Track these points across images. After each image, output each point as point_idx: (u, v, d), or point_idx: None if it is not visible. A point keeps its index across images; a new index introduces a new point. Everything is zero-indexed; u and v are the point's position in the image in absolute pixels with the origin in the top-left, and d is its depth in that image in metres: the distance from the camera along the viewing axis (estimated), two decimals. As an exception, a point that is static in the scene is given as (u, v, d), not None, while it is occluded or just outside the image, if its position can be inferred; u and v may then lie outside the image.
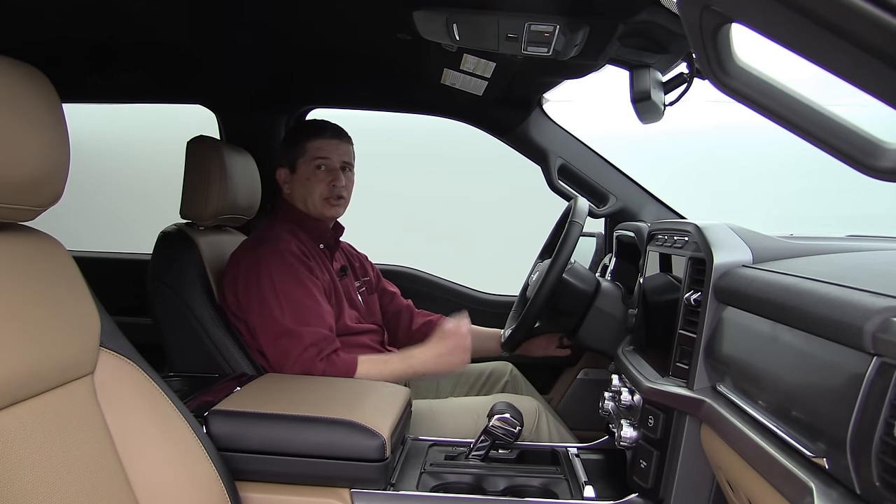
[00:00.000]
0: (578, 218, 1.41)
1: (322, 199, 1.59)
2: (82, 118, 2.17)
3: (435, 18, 1.24)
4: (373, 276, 1.84)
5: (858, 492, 0.59)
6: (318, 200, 1.59)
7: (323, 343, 1.42)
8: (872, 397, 0.57)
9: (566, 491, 1.21)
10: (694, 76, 1.35)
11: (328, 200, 1.60)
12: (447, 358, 1.50)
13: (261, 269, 1.46)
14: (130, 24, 1.49)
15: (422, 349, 1.51)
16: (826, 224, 3.23)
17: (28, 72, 0.78)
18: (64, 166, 0.82)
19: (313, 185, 1.59)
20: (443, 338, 1.51)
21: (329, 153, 1.60)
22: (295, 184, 1.62)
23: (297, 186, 1.61)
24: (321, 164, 1.59)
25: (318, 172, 1.59)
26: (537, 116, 1.94)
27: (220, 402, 1.14)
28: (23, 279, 0.78)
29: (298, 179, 1.61)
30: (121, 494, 0.82)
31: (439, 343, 1.51)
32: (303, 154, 1.60)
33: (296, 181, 1.61)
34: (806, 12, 0.51)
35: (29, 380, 0.75)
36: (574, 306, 1.47)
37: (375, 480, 1.10)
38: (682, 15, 0.62)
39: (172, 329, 1.50)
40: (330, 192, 1.59)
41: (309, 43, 1.62)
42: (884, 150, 0.58)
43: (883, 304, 0.58)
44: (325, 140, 1.60)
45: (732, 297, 0.93)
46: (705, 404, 0.94)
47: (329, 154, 1.60)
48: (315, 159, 1.59)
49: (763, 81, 0.64)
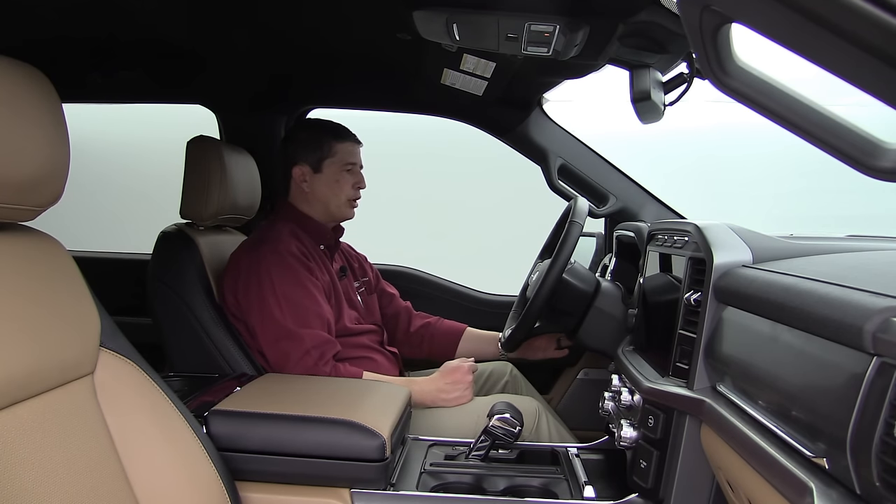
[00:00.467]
0: (578, 218, 1.41)
1: (347, 201, 1.64)
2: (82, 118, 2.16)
3: (435, 18, 1.24)
4: (372, 277, 1.85)
5: (858, 492, 0.59)
6: (343, 202, 1.63)
7: (324, 347, 1.42)
8: (872, 397, 0.57)
9: (566, 491, 1.21)
10: (694, 76, 1.35)
11: (351, 202, 1.65)
12: (448, 395, 1.51)
13: (261, 270, 1.46)
14: (130, 23, 1.49)
15: (425, 380, 1.53)
16: (826, 224, 3.23)
17: (28, 72, 0.78)
18: (64, 166, 0.82)
19: (341, 186, 1.62)
20: (447, 373, 1.52)
21: (356, 158, 1.66)
22: (318, 183, 1.62)
23: (320, 186, 1.62)
24: (350, 168, 1.63)
25: (346, 175, 1.63)
26: (537, 116, 1.94)
27: (220, 402, 1.14)
28: (23, 279, 0.78)
29: (324, 180, 1.62)
30: (121, 494, 0.82)
31: (443, 378, 1.52)
32: (332, 155, 1.62)
33: (320, 181, 1.62)
34: (806, 12, 0.51)
35: (29, 380, 0.75)
36: (574, 306, 1.47)
37: (375, 480, 1.10)
38: (682, 15, 0.62)
39: (172, 329, 1.50)
40: (354, 194, 1.65)
41: (309, 43, 1.62)
42: (884, 150, 0.58)
43: (883, 304, 0.58)
44: (352, 144, 1.66)
45: (732, 297, 0.93)
46: (705, 404, 0.94)
47: (356, 159, 1.66)
48: (346, 164, 1.63)
49: (763, 81, 0.64)
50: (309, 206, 1.63)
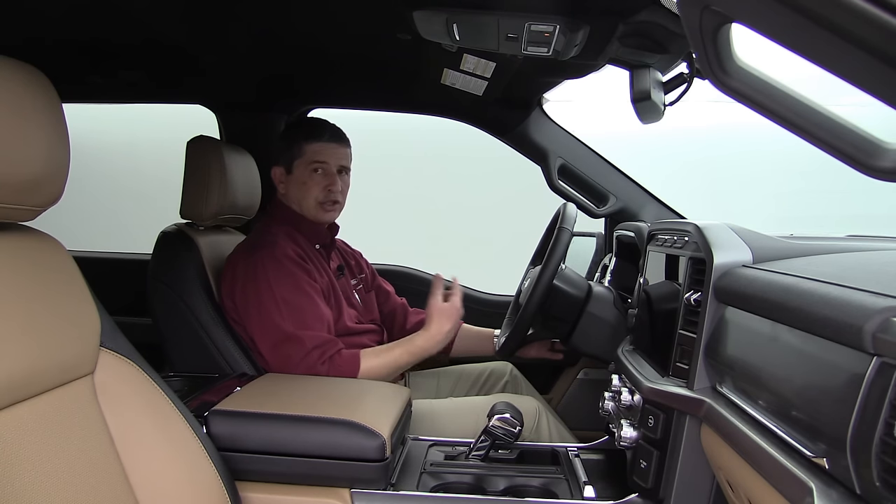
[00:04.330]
0: (567, 224, 1.41)
1: (317, 204, 1.58)
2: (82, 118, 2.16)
3: (435, 18, 1.23)
4: (368, 273, 1.84)
5: (858, 492, 0.59)
6: (312, 204, 1.58)
7: (325, 346, 1.42)
8: (872, 397, 0.57)
9: (566, 491, 1.21)
10: (694, 76, 1.35)
11: (323, 205, 1.59)
12: (447, 334, 1.52)
13: (258, 276, 1.45)
14: (130, 23, 1.48)
15: (420, 334, 1.53)
16: (826, 224, 3.23)
17: (28, 72, 0.78)
18: (64, 166, 0.82)
19: (309, 188, 1.57)
20: (439, 316, 1.53)
21: (327, 157, 1.58)
22: (290, 185, 1.60)
23: (292, 188, 1.60)
24: (318, 168, 1.58)
25: (314, 176, 1.57)
26: (537, 116, 1.94)
27: (220, 402, 1.14)
28: (23, 279, 0.78)
29: (294, 181, 1.59)
30: (121, 494, 0.82)
31: (436, 320, 1.52)
32: (300, 156, 1.58)
33: (291, 182, 1.60)
34: (806, 12, 0.51)
35: (29, 380, 0.75)
36: (566, 312, 1.47)
37: (375, 480, 1.10)
38: (682, 15, 0.62)
39: (172, 329, 1.50)
40: (325, 196, 1.58)
41: (309, 43, 1.62)
42: (884, 150, 0.58)
43: (883, 304, 0.58)
44: (324, 143, 1.58)
45: (732, 297, 0.93)
46: (705, 404, 0.94)
47: (327, 158, 1.58)
48: (312, 163, 1.57)
49: (763, 81, 0.64)
50: (297, 206, 1.61)
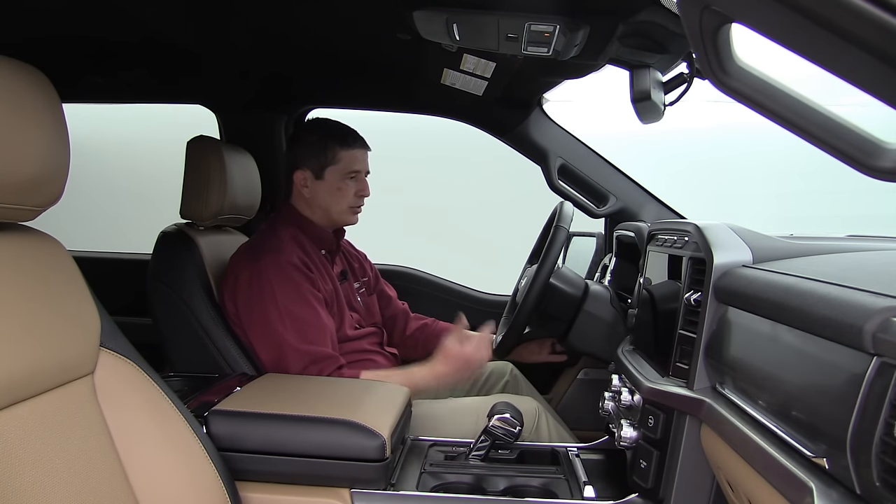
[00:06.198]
0: (564, 223, 1.41)
1: (349, 208, 1.61)
2: (82, 118, 2.16)
3: (435, 18, 1.23)
4: (371, 276, 1.84)
5: (858, 492, 0.59)
6: (344, 209, 1.60)
7: (324, 362, 1.42)
8: (872, 397, 0.57)
9: (566, 491, 1.21)
10: (694, 76, 1.35)
11: (354, 209, 1.62)
12: (448, 378, 1.50)
13: (263, 283, 1.45)
14: (130, 22, 1.49)
15: (423, 367, 1.51)
16: (826, 224, 3.23)
17: (28, 72, 0.78)
18: (64, 166, 0.82)
19: (344, 194, 1.59)
20: (445, 356, 1.51)
21: (362, 165, 1.61)
22: (319, 190, 1.59)
23: (321, 193, 1.59)
24: (354, 176, 1.60)
25: (349, 183, 1.59)
26: (537, 116, 1.94)
27: (220, 402, 1.14)
28: (23, 279, 0.78)
29: (325, 187, 1.59)
30: (121, 494, 0.82)
31: (441, 362, 1.51)
32: (334, 162, 1.58)
33: (321, 188, 1.59)
34: (806, 12, 0.51)
35: (29, 380, 0.75)
36: (563, 311, 1.46)
37: (375, 480, 1.10)
38: (682, 15, 0.62)
39: (172, 329, 1.50)
40: (357, 202, 1.61)
41: (309, 43, 1.62)
42: (884, 150, 0.58)
43: (883, 304, 0.58)
44: (358, 150, 1.61)
45: (732, 297, 0.93)
46: (705, 404, 0.94)
47: (362, 167, 1.61)
48: (350, 171, 1.59)
49: (763, 81, 0.64)
50: (310, 210, 1.61)
